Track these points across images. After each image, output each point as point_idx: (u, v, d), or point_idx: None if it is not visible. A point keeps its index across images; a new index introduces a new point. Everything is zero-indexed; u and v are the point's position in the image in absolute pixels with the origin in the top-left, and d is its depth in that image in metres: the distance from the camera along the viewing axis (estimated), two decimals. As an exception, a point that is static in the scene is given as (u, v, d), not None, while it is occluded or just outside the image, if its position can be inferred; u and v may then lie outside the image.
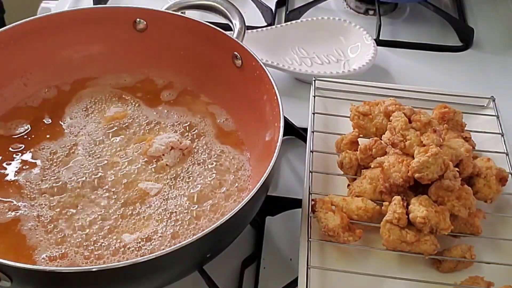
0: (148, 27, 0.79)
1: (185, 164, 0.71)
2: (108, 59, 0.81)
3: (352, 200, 0.66)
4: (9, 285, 0.52)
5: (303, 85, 0.91)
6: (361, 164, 0.70)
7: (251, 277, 0.69)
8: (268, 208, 0.73)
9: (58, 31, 0.77)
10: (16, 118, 0.75)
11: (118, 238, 0.63)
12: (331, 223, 0.63)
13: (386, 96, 0.78)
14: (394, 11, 1.10)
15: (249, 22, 0.83)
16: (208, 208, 0.66)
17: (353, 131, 0.74)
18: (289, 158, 0.82)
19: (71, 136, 0.73)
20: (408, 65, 0.99)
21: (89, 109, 0.77)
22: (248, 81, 0.72)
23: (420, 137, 0.66)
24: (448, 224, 0.63)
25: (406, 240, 0.62)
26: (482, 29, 1.06)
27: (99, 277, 0.52)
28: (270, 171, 0.58)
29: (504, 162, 0.72)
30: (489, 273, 0.63)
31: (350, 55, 0.96)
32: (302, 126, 0.82)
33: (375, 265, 0.65)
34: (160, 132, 0.74)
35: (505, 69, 0.99)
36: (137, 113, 0.77)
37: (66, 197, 0.66)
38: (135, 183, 0.68)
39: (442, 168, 0.63)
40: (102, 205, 0.66)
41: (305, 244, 0.63)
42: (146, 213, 0.66)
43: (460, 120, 0.75)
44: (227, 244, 0.62)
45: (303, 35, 0.97)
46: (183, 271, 0.60)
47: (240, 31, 0.77)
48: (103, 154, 0.71)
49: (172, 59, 0.80)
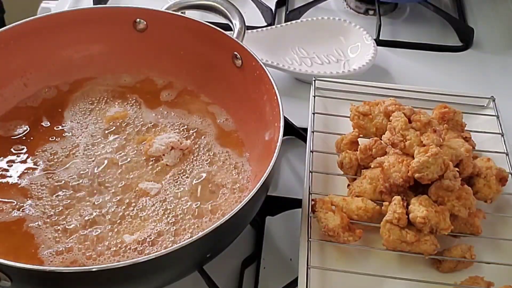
0: (148, 27, 0.79)
1: (185, 164, 0.71)
2: (108, 59, 0.81)
3: (352, 200, 0.66)
4: (9, 285, 0.52)
5: (303, 85, 0.91)
6: (361, 164, 0.70)
7: (251, 277, 0.69)
8: (268, 208, 0.73)
9: (58, 31, 0.77)
10: (15, 118, 0.75)
11: (119, 238, 0.63)
12: (331, 223, 0.63)
13: (386, 96, 0.78)
14: (394, 11, 1.10)
15: (249, 22, 0.83)
16: (208, 208, 0.66)
17: (353, 131, 0.74)
18: (289, 158, 0.82)
19: (71, 137, 0.73)
20: (408, 65, 0.99)
21: (89, 109, 0.77)
22: (248, 81, 0.72)
23: (420, 137, 0.66)
24: (448, 224, 0.63)
25: (406, 240, 0.62)
26: (482, 29, 1.06)
27: (99, 277, 0.52)
28: (270, 171, 0.58)
29: (504, 162, 0.72)
30: (489, 273, 0.63)
31: (350, 55, 0.96)
32: (302, 126, 0.82)
33: (375, 265, 0.65)
34: (160, 132, 0.74)
35: (505, 69, 0.99)
36: (137, 113, 0.77)
37: (66, 198, 0.66)
38: (135, 183, 0.68)
39: (442, 168, 0.63)
40: (102, 206, 0.66)
41: (305, 244, 0.63)
42: (146, 214, 0.66)
43: (460, 120, 0.75)
44: (227, 244, 0.62)
45: (303, 35, 0.97)
46: (183, 271, 0.60)
47: (240, 31, 0.77)
48: (104, 154, 0.71)
49: (172, 59, 0.80)
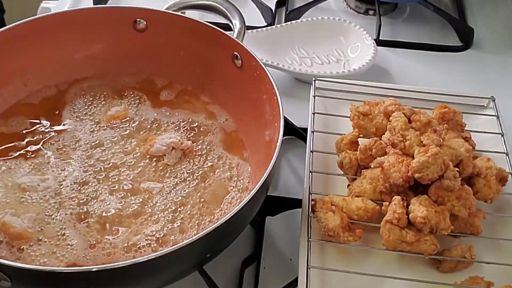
0: (148, 27, 0.79)
1: (186, 164, 0.71)
2: (108, 59, 0.81)
3: (352, 200, 0.66)
4: (9, 285, 0.52)
5: (303, 85, 0.91)
6: (361, 164, 0.70)
7: (251, 277, 0.69)
8: (268, 208, 0.73)
9: (58, 31, 0.77)
10: (16, 115, 0.75)
11: (119, 238, 0.63)
12: (331, 223, 0.63)
13: (386, 96, 0.78)
14: (394, 11, 1.10)
15: (249, 22, 0.83)
16: (208, 208, 0.66)
17: (353, 131, 0.74)
18: (289, 158, 0.82)
19: (72, 137, 0.73)
20: (408, 65, 0.99)
21: (90, 109, 0.77)
22: (248, 81, 0.72)
23: (419, 137, 0.66)
24: (448, 224, 0.63)
25: (406, 240, 0.62)
26: (482, 29, 1.06)
27: (99, 277, 0.52)
28: (270, 171, 0.58)
29: (504, 162, 0.72)
30: (489, 273, 0.63)
31: (350, 55, 0.96)
32: (302, 126, 0.82)
33: (375, 265, 0.65)
34: (161, 132, 0.74)
35: (505, 69, 0.99)
36: (137, 113, 0.77)
37: (67, 198, 0.66)
38: (136, 183, 0.68)
39: (442, 168, 0.63)
40: (102, 206, 0.66)
41: (305, 244, 0.63)
42: (146, 214, 0.66)
43: (460, 120, 0.75)
44: (227, 244, 0.62)
45: (303, 35, 0.97)
46: (183, 271, 0.60)
47: (240, 31, 0.77)
48: (104, 154, 0.71)
49: (172, 59, 0.80)
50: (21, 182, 0.67)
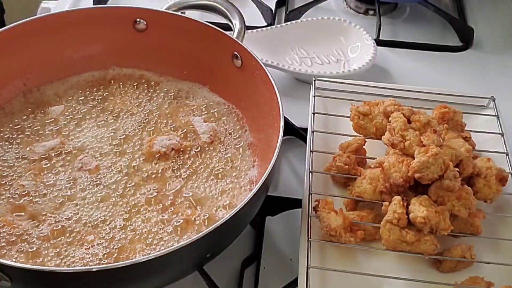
0: (148, 27, 0.79)
1: (185, 166, 0.71)
2: (108, 59, 0.81)
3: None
4: (9, 285, 0.52)
5: (303, 85, 0.91)
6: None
7: (251, 277, 0.69)
8: (268, 208, 0.73)
9: (58, 31, 0.77)
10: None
11: (120, 239, 0.63)
12: (333, 223, 0.63)
13: (386, 96, 0.78)
14: (394, 11, 1.10)
15: (249, 22, 0.82)
16: (209, 208, 0.66)
17: (358, 137, 0.73)
18: (289, 158, 0.82)
19: (72, 137, 0.73)
20: (408, 65, 0.99)
21: (90, 108, 0.77)
22: (248, 81, 0.72)
23: (419, 137, 0.66)
24: (448, 224, 0.63)
25: (406, 240, 0.62)
26: (482, 29, 1.06)
27: (99, 277, 0.52)
28: (270, 171, 0.58)
29: (504, 162, 0.72)
30: (489, 273, 0.63)
31: (350, 55, 0.96)
32: (302, 126, 0.82)
33: (375, 265, 0.65)
34: (161, 133, 0.74)
35: (505, 69, 0.99)
36: (137, 112, 0.77)
37: (66, 199, 0.66)
38: (136, 183, 0.68)
39: (442, 168, 0.63)
40: (102, 206, 0.66)
41: (305, 244, 0.63)
42: (146, 214, 0.65)
43: (460, 120, 0.75)
44: (227, 244, 0.62)
45: (303, 35, 0.97)
46: (183, 271, 0.60)
47: (240, 31, 0.77)
48: (104, 154, 0.71)
49: (172, 59, 0.80)
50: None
